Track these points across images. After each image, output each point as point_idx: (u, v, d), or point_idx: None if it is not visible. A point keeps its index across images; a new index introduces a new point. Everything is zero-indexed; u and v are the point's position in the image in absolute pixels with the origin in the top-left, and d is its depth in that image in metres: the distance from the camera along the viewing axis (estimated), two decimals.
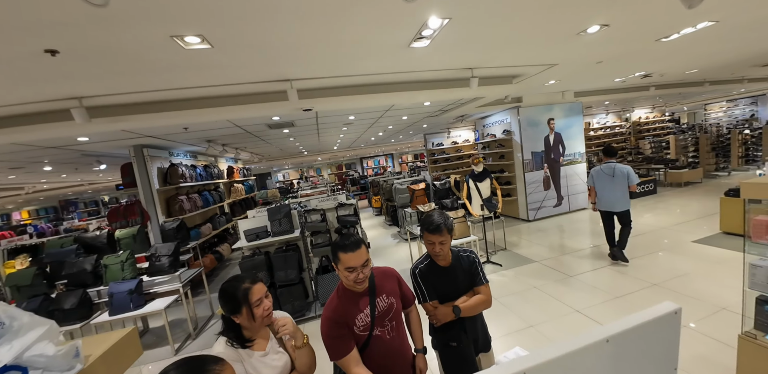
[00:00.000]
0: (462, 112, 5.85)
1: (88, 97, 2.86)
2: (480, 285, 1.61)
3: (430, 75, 3.51)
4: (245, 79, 2.95)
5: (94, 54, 2.05)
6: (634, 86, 6.43)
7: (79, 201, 18.12)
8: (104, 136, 4.03)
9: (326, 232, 3.81)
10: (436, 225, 1.53)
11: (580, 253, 4.54)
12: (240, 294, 1.16)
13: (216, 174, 7.06)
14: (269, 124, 4.84)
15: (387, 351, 1.38)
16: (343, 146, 12.10)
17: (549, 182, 6.29)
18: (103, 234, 3.94)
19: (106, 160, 5.96)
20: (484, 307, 1.61)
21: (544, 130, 6.13)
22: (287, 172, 21.33)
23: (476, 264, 1.64)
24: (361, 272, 1.30)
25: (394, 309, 1.43)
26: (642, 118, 10.82)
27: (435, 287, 1.60)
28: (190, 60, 2.33)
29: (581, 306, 3.12)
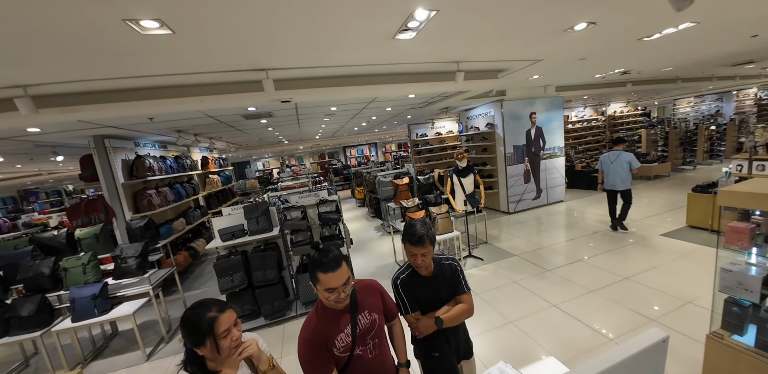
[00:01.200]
0: (447, 104, 5.76)
1: (33, 85, 2.54)
2: (462, 294, 1.59)
3: (415, 67, 3.37)
4: (215, 67, 2.70)
5: (35, 35, 1.77)
6: (613, 82, 6.55)
7: (40, 191, 16.83)
8: (59, 126, 3.65)
9: (307, 230, 3.70)
10: (419, 236, 1.47)
11: (556, 246, 4.69)
12: (204, 324, 1.04)
13: (189, 165, 6.66)
14: (245, 115, 4.56)
15: (368, 371, 1.33)
16: (326, 135, 11.78)
17: (529, 175, 6.40)
18: (61, 234, 3.63)
19: (64, 150, 5.47)
20: (466, 316, 1.59)
21: (526, 124, 6.17)
22: (267, 160, 20.64)
23: (458, 272, 1.61)
24: (342, 291, 1.22)
25: (377, 326, 1.37)
26: (617, 112, 11.15)
27: (417, 297, 1.56)
28: (149, 45, 2.08)
29: (558, 301, 3.22)
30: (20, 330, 2.85)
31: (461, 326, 1.68)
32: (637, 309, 2.93)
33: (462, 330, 1.69)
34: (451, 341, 1.61)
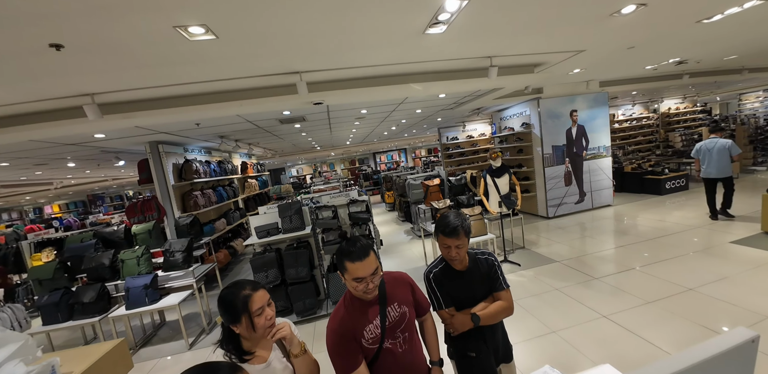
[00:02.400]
0: (478, 104, 5.61)
1: (99, 93, 2.84)
2: (500, 291, 1.48)
3: (446, 65, 3.32)
4: (253, 72, 2.86)
5: (99, 48, 2.00)
6: (667, 74, 5.98)
7: (105, 196, 18.95)
8: (120, 132, 4.06)
9: (338, 229, 3.73)
10: (453, 227, 1.40)
11: (605, 253, 4.30)
12: (239, 302, 1.07)
13: (230, 169, 7.11)
14: (280, 119, 4.77)
15: (398, 366, 1.27)
16: (356, 141, 11.99)
17: (570, 177, 5.99)
18: (120, 230, 4.01)
19: (125, 156, 6.08)
20: (506, 315, 1.48)
21: (566, 123, 5.81)
22: (301, 167, 21.48)
23: (495, 267, 1.51)
24: (371, 282, 1.19)
25: (407, 320, 1.31)
26: (672, 109, 10.15)
27: (450, 293, 1.48)
28: (196, 52, 2.25)
29: (608, 312, 2.92)
30: (82, 315, 3.15)
31: (500, 326, 1.57)
32: (704, 323, 2.56)
33: (501, 330, 1.58)
34: (488, 341, 1.50)
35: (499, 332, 1.56)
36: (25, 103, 2.78)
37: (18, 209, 17.37)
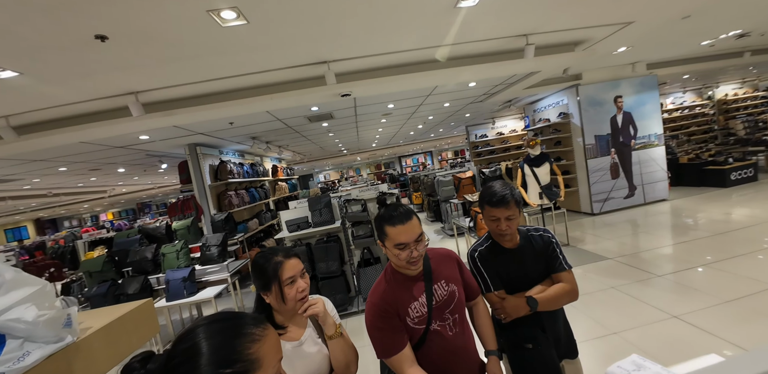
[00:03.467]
0: (510, 95, 5.34)
1: (142, 91, 2.99)
2: (561, 272, 1.28)
3: (478, 47, 3.16)
4: (282, 63, 2.89)
5: (139, 38, 2.07)
6: (725, 52, 5.37)
7: (152, 204, 20.51)
8: (161, 133, 4.28)
9: (367, 223, 3.64)
10: (501, 196, 1.23)
11: (665, 250, 3.83)
12: (270, 268, 0.99)
13: (261, 172, 7.34)
14: (308, 117, 4.82)
15: (448, 351, 1.11)
16: (382, 143, 11.99)
17: (618, 169, 5.49)
18: (162, 226, 4.19)
19: (167, 160, 6.46)
20: (568, 300, 1.27)
21: (610, 110, 5.36)
22: (328, 172, 21.94)
23: (553, 245, 1.32)
24: (415, 249, 1.05)
25: (457, 299, 1.16)
26: (729, 95, 9.15)
27: (499, 273, 1.30)
28: (229, 40, 2.28)
29: (680, 312, 2.55)
30: None
31: (561, 314, 1.36)
32: None
33: (562, 320, 1.37)
34: (548, 330, 1.29)
35: (560, 321, 1.36)
36: (77, 103, 2.98)
37: (78, 217, 19.23)
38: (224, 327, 0.58)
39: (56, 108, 3.03)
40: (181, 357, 0.54)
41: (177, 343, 0.56)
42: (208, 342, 0.55)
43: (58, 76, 2.42)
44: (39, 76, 2.36)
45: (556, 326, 1.33)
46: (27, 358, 0.52)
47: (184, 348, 0.55)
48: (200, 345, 0.55)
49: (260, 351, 0.57)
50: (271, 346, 0.60)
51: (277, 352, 0.61)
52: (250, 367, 0.55)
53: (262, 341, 0.59)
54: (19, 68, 2.22)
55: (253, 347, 0.57)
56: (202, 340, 0.55)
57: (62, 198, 10.66)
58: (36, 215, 15.55)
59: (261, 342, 0.58)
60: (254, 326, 0.60)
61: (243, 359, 0.55)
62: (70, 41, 1.99)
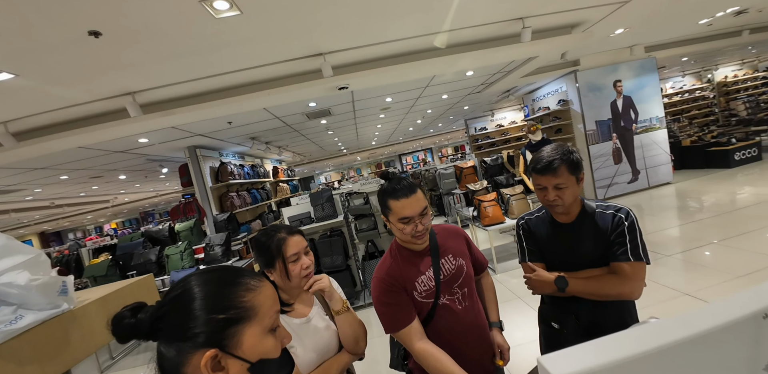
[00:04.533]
0: (508, 84, 5.30)
1: (138, 91, 2.97)
2: (621, 261, 1.05)
3: (474, 33, 3.13)
4: (278, 57, 2.86)
5: (132, 33, 2.05)
6: (723, 31, 5.32)
7: (155, 212, 20.54)
8: (161, 135, 4.27)
9: (370, 216, 3.61)
10: (548, 161, 1.06)
11: (672, 231, 3.79)
12: (273, 245, 0.97)
13: (262, 173, 7.33)
14: (307, 113, 4.80)
15: (458, 326, 1.09)
16: (381, 141, 11.97)
17: (620, 154, 5.44)
18: (165, 228, 4.18)
19: (168, 164, 6.45)
20: (617, 294, 1.05)
21: (609, 95, 5.32)
22: (329, 174, 21.95)
23: (624, 228, 1.07)
24: (420, 223, 1.02)
25: (465, 273, 1.13)
26: (729, 77, 9.08)
27: (543, 248, 1.19)
28: (224, 33, 2.26)
29: (691, 289, 2.51)
30: None
31: (614, 309, 1.13)
32: None
33: (614, 314, 1.13)
34: (583, 321, 1.13)
35: (608, 314, 1.13)
36: (75, 105, 2.97)
37: (82, 228, 19.29)
38: (217, 277, 0.56)
39: (54, 112, 3.02)
40: (172, 304, 0.52)
41: (168, 292, 0.54)
42: (201, 289, 0.52)
43: (54, 77, 2.40)
44: (35, 77, 2.34)
45: (600, 320, 1.12)
46: (20, 321, 0.50)
47: (175, 296, 0.53)
48: (192, 292, 0.52)
49: (255, 300, 0.54)
50: (266, 297, 0.57)
51: (274, 304, 0.58)
52: (244, 314, 0.52)
53: (257, 291, 0.56)
54: (14, 70, 2.21)
55: (247, 295, 0.54)
56: (194, 287, 0.53)
57: (65, 209, 10.68)
58: (40, 228, 15.60)
59: (256, 291, 0.56)
60: (248, 277, 0.58)
61: (236, 306, 0.52)
62: (64, 38, 1.97)
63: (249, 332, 0.52)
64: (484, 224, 3.45)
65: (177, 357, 0.49)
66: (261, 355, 0.52)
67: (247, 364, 0.51)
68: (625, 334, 0.43)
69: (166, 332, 0.50)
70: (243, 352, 0.51)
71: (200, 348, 0.48)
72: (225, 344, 0.50)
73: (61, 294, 0.59)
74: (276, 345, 0.55)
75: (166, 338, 0.50)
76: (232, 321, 0.51)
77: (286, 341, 0.58)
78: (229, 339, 0.50)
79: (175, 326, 0.50)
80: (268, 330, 0.54)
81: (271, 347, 0.54)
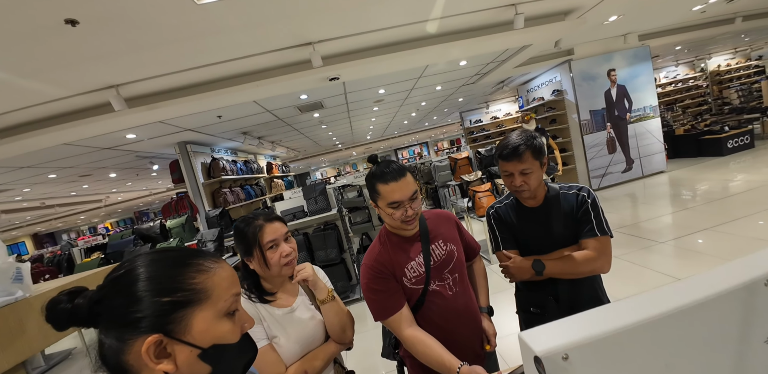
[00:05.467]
0: (502, 74, 5.25)
1: (122, 84, 2.88)
2: (589, 237, 1.10)
3: (465, 21, 3.07)
4: (266, 47, 2.78)
5: (110, 20, 1.97)
6: (716, 19, 5.29)
7: (149, 212, 20.34)
8: (149, 131, 4.18)
9: (364, 209, 3.58)
10: (513, 147, 1.08)
11: (666, 218, 3.81)
12: (249, 232, 0.93)
13: (256, 169, 7.24)
14: (298, 106, 4.72)
15: (449, 311, 1.07)
16: (376, 135, 11.89)
17: (614, 144, 5.44)
18: (156, 225, 4.11)
19: (158, 161, 6.34)
20: (590, 269, 1.10)
21: (603, 84, 5.29)
22: (324, 169, 21.84)
23: (588, 206, 1.12)
24: (410, 207, 0.99)
25: (455, 259, 1.11)
26: (722, 66, 9.09)
27: (515, 234, 1.21)
28: (205, 21, 2.18)
29: (685, 275, 2.52)
30: None
31: (587, 285, 1.17)
32: None
33: (588, 290, 1.18)
34: (562, 300, 1.16)
35: (584, 291, 1.17)
36: (57, 100, 2.87)
37: (75, 229, 19.08)
38: (166, 257, 0.51)
39: (35, 107, 2.92)
40: (112, 286, 0.47)
41: (110, 274, 0.49)
42: (146, 270, 0.48)
43: (32, 69, 2.30)
44: (12, 69, 2.25)
45: (575, 296, 1.16)
46: None
47: (116, 276, 0.48)
48: (135, 272, 0.48)
49: (208, 281, 0.50)
50: (222, 278, 0.52)
51: (231, 286, 0.53)
52: (193, 297, 0.48)
53: (211, 272, 0.51)
54: None
55: (199, 277, 0.49)
56: (138, 267, 0.48)
57: (57, 209, 10.52)
58: (33, 230, 15.40)
59: (209, 272, 0.51)
60: (202, 257, 0.52)
61: (185, 288, 0.48)
62: (40, 27, 1.88)
63: (200, 316, 0.48)
64: (479, 215, 3.43)
65: (117, 345, 0.45)
66: (215, 340, 0.48)
67: (197, 350, 0.47)
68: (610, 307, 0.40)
69: (106, 317, 0.46)
70: (192, 337, 0.47)
71: (143, 334, 0.44)
72: (171, 329, 0.46)
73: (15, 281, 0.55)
74: (233, 329, 0.51)
75: (105, 324, 0.46)
76: (180, 304, 0.47)
77: (247, 326, 0.54)
78: (175, 323, 0.46)
79: (115, 310, 0.46)
80: (223, 313, 0.50)
81: (226, 332, 0.50)
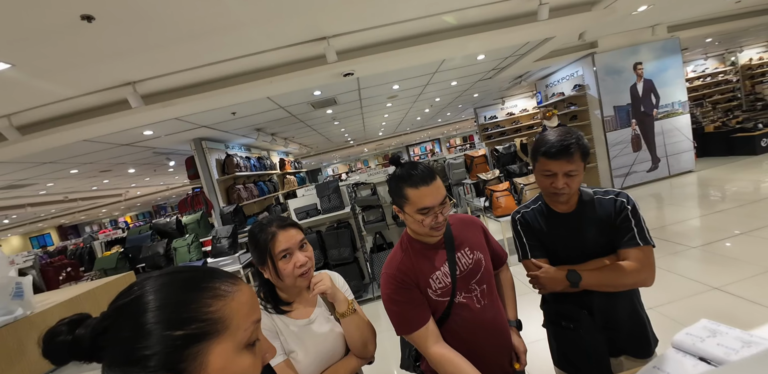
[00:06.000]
0: (521, 68, 5.06)
1: (138, 81, 2.89)
2: (629, 247, 0.99)
3: (485, 12, 2.94)
4: (280, 42, 2.74)
5: (125, 16, 1.95)
6: (752, 9, 4.95)
7: (167, 206, 20.92)
8: (165, 128, 4.21)
9: (378, 207, 3.52)
10: (563, 145, 0.95)
11: (696, 221, 3.60)
12: (261, 239, 0.86)
13: (269, 165, 7.29)
14: (312, 103, 4.68)
15: (476, 325, 0.99)
16: (388, 131, 11.79)
17: (639, 141, 5.20)
18: (172, 221, 4.17)
19: (174, 157, 6.45)
20: (633, 283, 0.99)
21: (629, 79, 5.04)
22: (336, 166, 21.92)
23: (627, 213, 1.01)
24: (440, 213, 0.92)
25: (483, 268, 1.03)
26: (753, 59, 8.55)
27: (544, 242, 1.11)
28: (220, 15, 2.15)
29: (721, 283, 2.36)
30: None
31: (627, 301, 1.06)
32: None
33: (625, 303, 1.07)
34: (597, 314, 1.05)
35: (620, 305, 1.06)
36: (75, 97, 2.91)
37: (97, 222, 19.81)
38: (176, 280, 0.43)
39: (55, 104, 2.96)
40: (119, 317, 0.40)
41: (115, 300, 0.42)
42: (155, 297, 0.41)
43: (50, 67, 2.32)
44: (31, 66, 2.26)
45: (614, 312, 1.06)
46: None
47: (122, 304, 0.41)
48: (144, 299, 0.40)
49: (225, 309, 0.42)
50: (241, 304, 0.44)
51: (251, 312, 0.45)
52: (209, 329, 0.40)
53: (228, 297, 0.43)
54: (10, 59, 2.13)
55: (216, 304, 0.42)
56: (148, 294, 0.41)
57: (79, 203, 10.88)
58: (58, 222, 16.01)
59: (227, 298, 0.43)
60: (218, 279, 0.45)
61: (200, 318, 0.40)
62: (57, 24, 1.88)
63: (217, 350, 0.40)
64: (497, 215, 3.32)
65: None
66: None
67: None
68: None
69: (110, 351, 0.39)
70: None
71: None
72: (183, 368, 0.39)
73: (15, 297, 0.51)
74: (254, 363, 0.43)
75: (109, 359, 0.40)
76: (194, 338, 0.40)
77: (268, 356, 0.46)
78: (189, 361, 0.39)
79: (120, 344, 0.39)
80: (243, 345, 0.43)
81: (247, 366, 0.42)
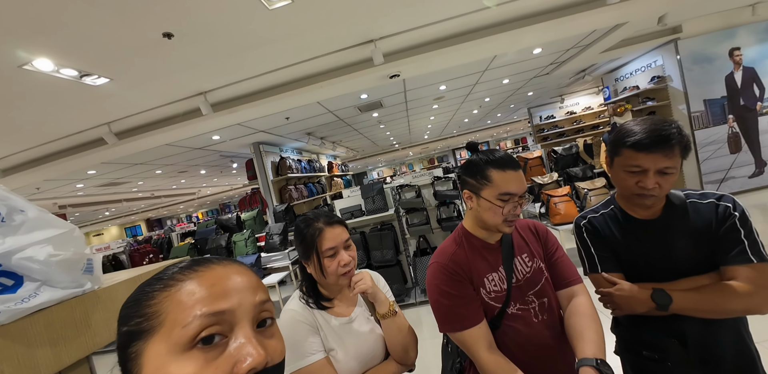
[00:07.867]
0: (584, 61, 4.59)
1: (208, 91, 3.24)
2: (738, 264, 0.79)
3: (542, 1, 2.72)
4: (330, 47, 2.85)
5: (198, 32, 2.19)
6: None
7: (230, 204, 23.24)
8: (229, 133, 4.66)
9: (422, 210, 3.44)
10: (661, 135, 0.77)
11: None
12: (308, 234, 0.86)
13: (318, 168, 7.64)
14: (358, 106, 4.79)
15: (531, 342, 0.86)
16: (434, 134, 11.60)
17: (739, 141, 4.35)
18: (233, 217, 4.58)
19: (237, 160, 7.11)
20: (743, 309, 0.79)
21: (723, 67, 4.26)
22: (381, 169, 22.21)
23: (734, 220, 0.81)
24: (521, 205, 0.84)
25: (543, 281, 0.91)
26: None
27: (618, 253, 0.91)
28: (277, 25, 2.30)
29: None
30: None
31: (728, 326, 0.84)
32: None
33: (728, 333, 0.85)
34: (691, 344, 0.84)
35: (722, 335, 0.84)
36: (158, 107, 3.35)
37: (176, 216, 22.80)
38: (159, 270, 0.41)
39: (143, 113, 3.44)
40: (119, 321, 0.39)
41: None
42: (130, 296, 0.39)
43: (138, 80, 2.70)
44: (124, 80, 2.66)
45: (714, 344, 0.84)
46: (32, 300, 0.47)
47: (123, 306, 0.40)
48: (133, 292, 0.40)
49: (165, 301, 0.36)
50: (189, 293, 0.36)
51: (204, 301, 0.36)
52: (145, 326, 0.35)
53: (175, 287, 0.37)
54: (108, 74, 2.53)
55: (158, 296, 0.36)
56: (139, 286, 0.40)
57: (162, 199, 12.57)
58: (146, 215, 18.70)
59: (172, 288, 0.37)
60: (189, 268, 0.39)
61: (139, 313, 0.36)
62: (143, 41, 2.18)
63: (151, 351, 0.34)
64: (554, 223, 3.03)
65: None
66: None
67: None
68: None
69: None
70: None
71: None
72: (129, 368, 0.35)
73: (85, 272, 0.57)
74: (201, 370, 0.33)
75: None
76: (132, 336, 0.35)
77: (241, 366, 0.34)
78: (132, 361, 0.35)
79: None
80: (182, 347, 0.34)
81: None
